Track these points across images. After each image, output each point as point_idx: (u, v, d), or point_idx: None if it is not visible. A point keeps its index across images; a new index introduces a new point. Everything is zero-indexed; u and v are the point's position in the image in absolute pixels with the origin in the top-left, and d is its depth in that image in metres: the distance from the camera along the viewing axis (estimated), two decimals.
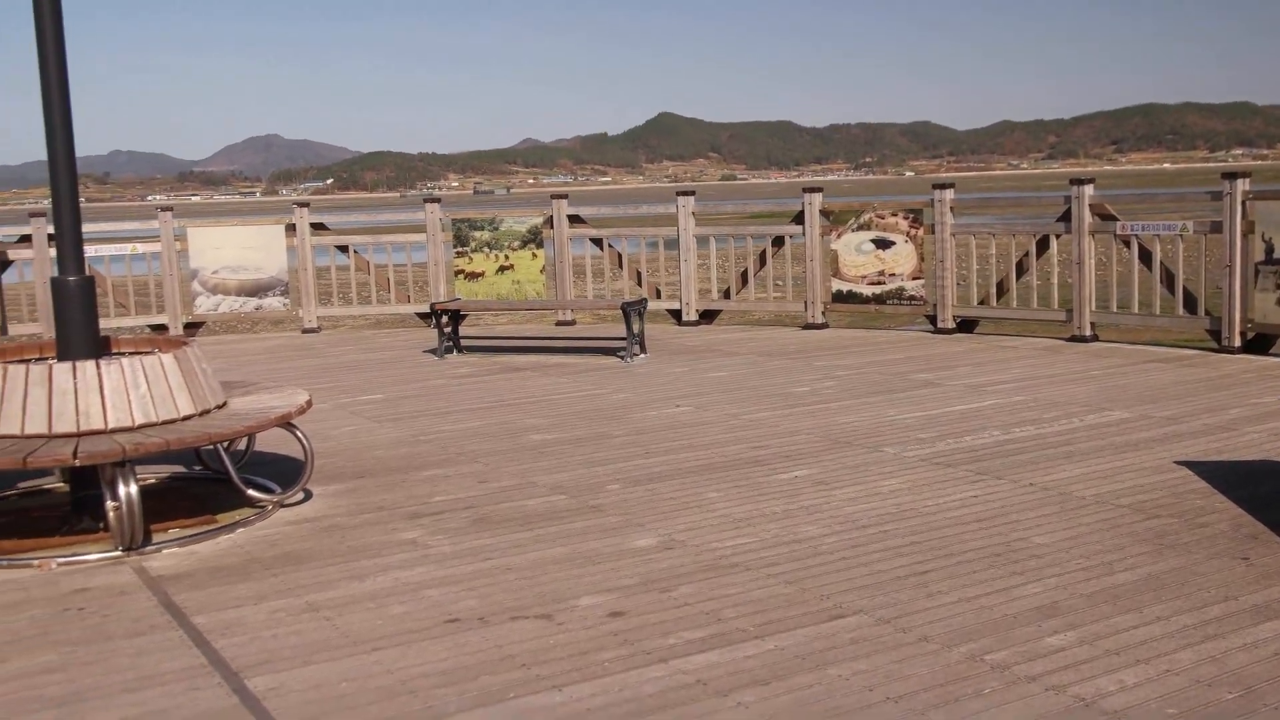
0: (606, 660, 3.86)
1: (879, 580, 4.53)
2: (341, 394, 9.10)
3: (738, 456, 6.66)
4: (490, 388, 9.24)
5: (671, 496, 5.86)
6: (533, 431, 7.52)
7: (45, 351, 5.98)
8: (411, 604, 4.46)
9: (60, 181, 5.69)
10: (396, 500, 5.97)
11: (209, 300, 13.00)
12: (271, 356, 11.47)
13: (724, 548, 5.00)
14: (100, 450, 5.03)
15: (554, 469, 6.51)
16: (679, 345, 11.28)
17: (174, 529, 5.50)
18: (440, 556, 5.03)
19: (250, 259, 13.00)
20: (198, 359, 5.80)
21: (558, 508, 5.73)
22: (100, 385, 5.31)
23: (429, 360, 10.85)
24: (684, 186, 14.01)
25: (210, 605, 4.53)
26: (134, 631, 4.29)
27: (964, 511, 5.43)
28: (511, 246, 13.08)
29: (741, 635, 4.03)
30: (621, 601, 4.40)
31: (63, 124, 5.67)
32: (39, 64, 5.62)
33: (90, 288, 5.78)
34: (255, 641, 4.14)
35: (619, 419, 7.83)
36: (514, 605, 4.41)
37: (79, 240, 5.79)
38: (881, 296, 11.91)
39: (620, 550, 5.02)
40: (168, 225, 12.96)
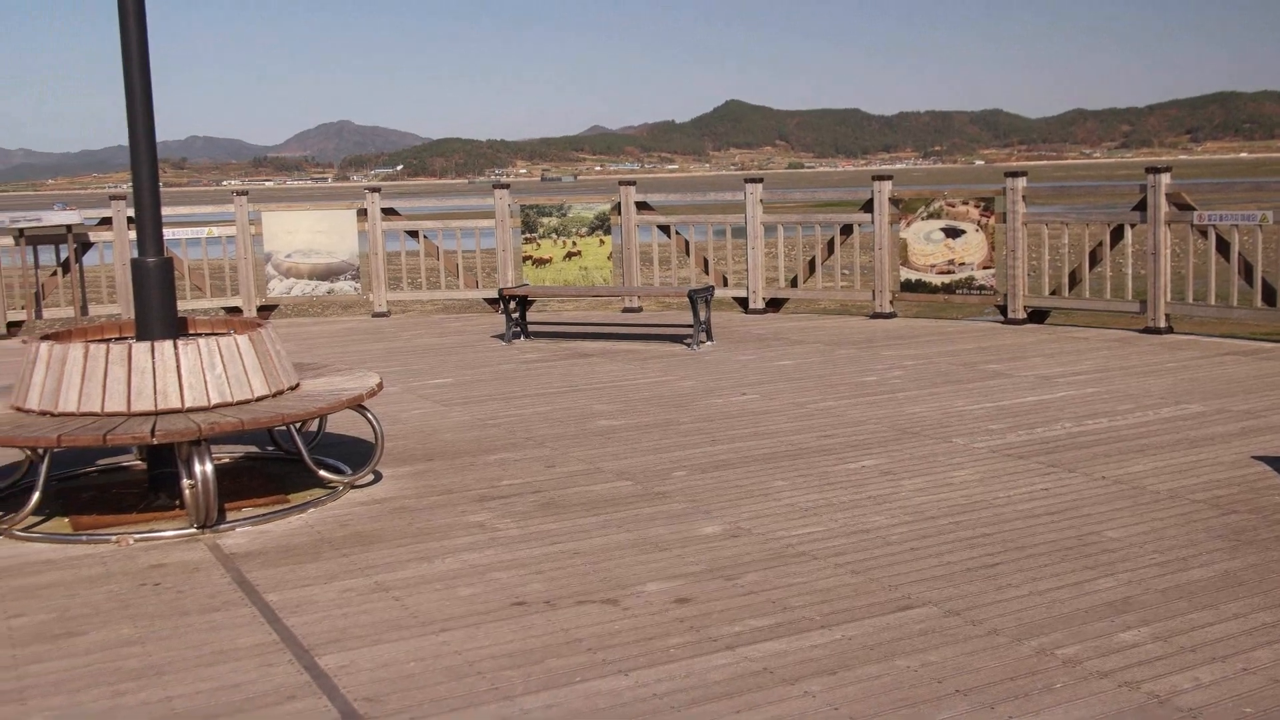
0: (673, 646, 3.86)
1: (948, 572, 4.48)
2: (411, 377, 9.19)
3: (805, 445, 6.63)
4: (557, 373, 9.28)
5: (738, 484, 5.85)
6: (600, 417, 7.54)
7: (125, 332, 6.11)
8: (479, 586, 4.50)
9: (141, 166, 5.80)
10: (465, 483, 6.02)
11: (282, 283, 13.18)
12: (342, 340, 11.60)
13: (791, 536, 4.98)
14: (177, 429, 5.12)
15: (621, 455, 6.52)
16: (745, 333, 11.25)
17: (247, 508, 5.60)
18: (508, 540, 5.06)
19: (322, 243, 13.16)
20: (272, 341, 5.89)
21: (624, 493, 5.75)
22: (178, 365, 5.41)
23: (497, 345, 10.92)
24: (752, 174, 13.96)
25: (282, 583, 4.60)
26: (208, 607, 4.37)
27: (1035, 504, 5.36)
28: (579, 233, 13.11)
29: (808, 624, 4.01)
30: (688, 588, 4.40)
31: (144, 110, 5.77)
32: (122, 52, 5.73)
33: (169, 269, 5.89)
34: (326, 620, 4.20)
35: (686, 406, 7.83)
36: (580, 589, 4.43)
37: (158, 223, 5.90)
38: (951, 286, 11.78)
39: (686, 537, 5.03)
40: (242, 209, 13.16)
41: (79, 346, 5.40)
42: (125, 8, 5.67)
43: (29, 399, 5.44)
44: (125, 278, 12.65)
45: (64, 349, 5.42)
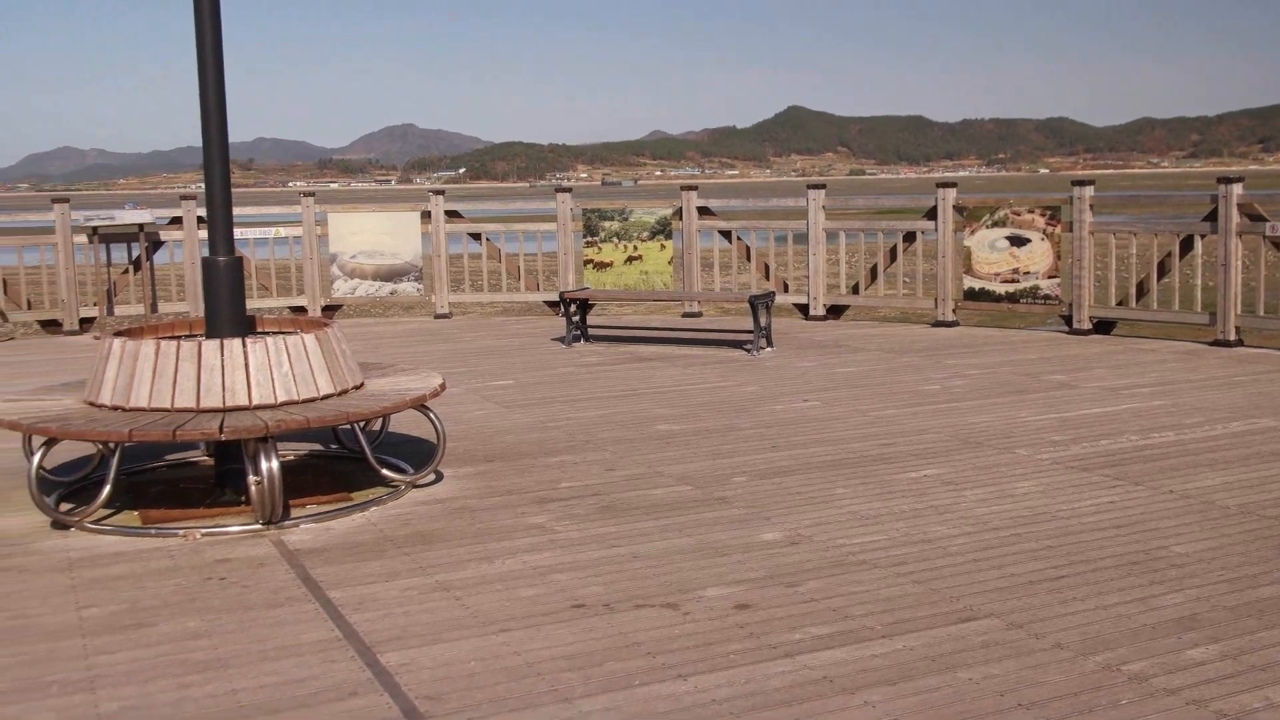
0: (732, 652, 3.86)
1: (1011, 584, 4.44)
2: (473, 379, 9.26)
3: (866, 453, 6.59)
4: (618, 377, 9.30)
5: (799, 491, 5.83)
6: (660, 421, 7.54)
7: (194, 329, 6.21)
8: (539, 587, 4.52)
9: (213, 166, 5.90)
10: (525, 485, 6.05)
11: (346, 284, 13.33)
12: (405, 340, 11.71)
13: (851, 544, 4.96)
14: (244, 425, 5.20)
15: (681, 459, 6.52)
16: (806, 340, 11.20)
17: (311, 505, 5.67)
18: (568, 542, 5.08)
19: (386, 245, 13.29)
20: (338, 340, 5.96)
21: (684, 498, 5.75)
22: (246, 363, 5.49)
23: (557, 348, 10.97)
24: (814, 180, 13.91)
25: (345, 580, 4.65)
26: (273, 602, 4.43)
27: (1100, 517, 5.29)
28: (640, 237, 13.13)
29: (869, 633, 3.99)
30: (748, 594, 4.39)
31: (217, 112, 5.87)
32: (197, 55, 5.83)
33: (238, 268, 5.98)
34: (388, 617, 4.24)
35: (746, 412, 7.81)
36: (640, 593, 4.43)
37: (229, 223, 5.99)
38: (1015, 295, 11.65)
39: (747, 543, 5.02)
40: (309, 210, 13.33)
41: (150, 343, 5.50)
42: (201, 12, 5.76)
43: (101, 394, 5.55)
44: (194, 276, 12.86)
45: (136, 345, 5.52)
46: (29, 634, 4.14)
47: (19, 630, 4.18)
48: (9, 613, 4.35)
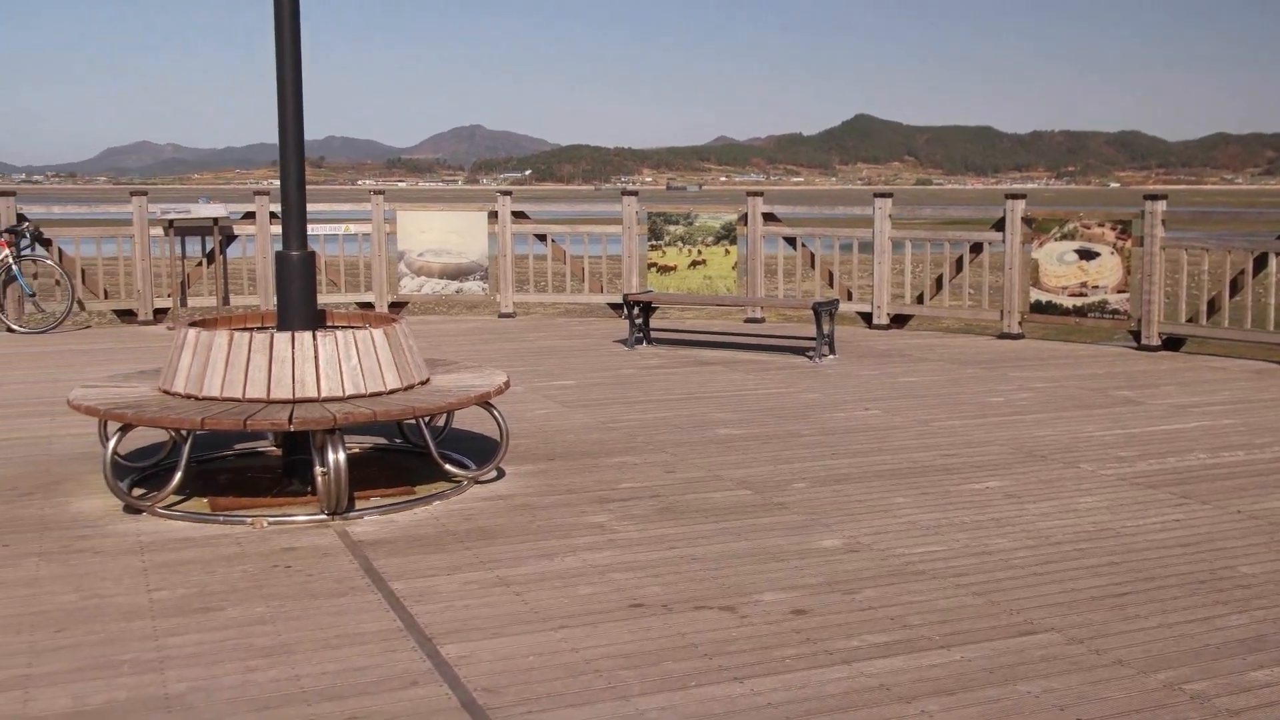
0: (788, 657, 3.87)
1: (1073, 599, 4.40)
2: (535, 378, 9.33)
3: (927, 463, 6.56)
4: (679, 380, 9.32)
5: (858, 499, 5.82)
6: (720, 425, 7.56)
7: (266, 322, 6.33)
8: (598, 586, 4.56)
9: (289, 163, 6.00)
10: (585, 484, 6.09)
11: (413, 281, 13.48)
12: (469, 338, 11.82)
13: (911, 554, 4.94)
14: (313, 417, 5.29)
15: (740, 464, 6.53)
16: (869, 348, 11.16)
17: (375, 497, 5.75)
18: (626, 542, 5.11)
19: (453, 243, 13.42)
20: (405, 336, 6.04)
21: (743, 502, 5.76)
22: (316, 355, 5.59)
23: (620, 350, 11.02)
24: (881, 189, 13.85)
25: (407, 572, 4.72)
26: (336, 592, 4.50)
27: (1165, 535, 5.22)
28: (705, 242, 13.15)
29: (927, 643, 3.98)
30: (805, 600, 4.40)
31: (294, 111, 5.97)
32: (276, 56, 5.94)
33: (311, 263, 6.09)
34: (448, 610, 4.30)
35: (807, 418, 7.80)
36: (697, 595, 4.45)
37: (303, 218, 6.10)
38: (1082, 309, 11.52)
39: (805, 549, 5.02)
40: (379, 208, 13.50)
41: (224, 334, 5.62)
42: (281, 13, 5.87)
43: (175, 382, 5.67)
44: (265, 270, 13.08)
45: (210, 336, 5.64)
46: (103, 614, 4.25)
47: (94, 610, 4.29)
48: (84, 592, 4.47)
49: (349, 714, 3.46)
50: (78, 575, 4.67)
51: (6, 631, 4.08)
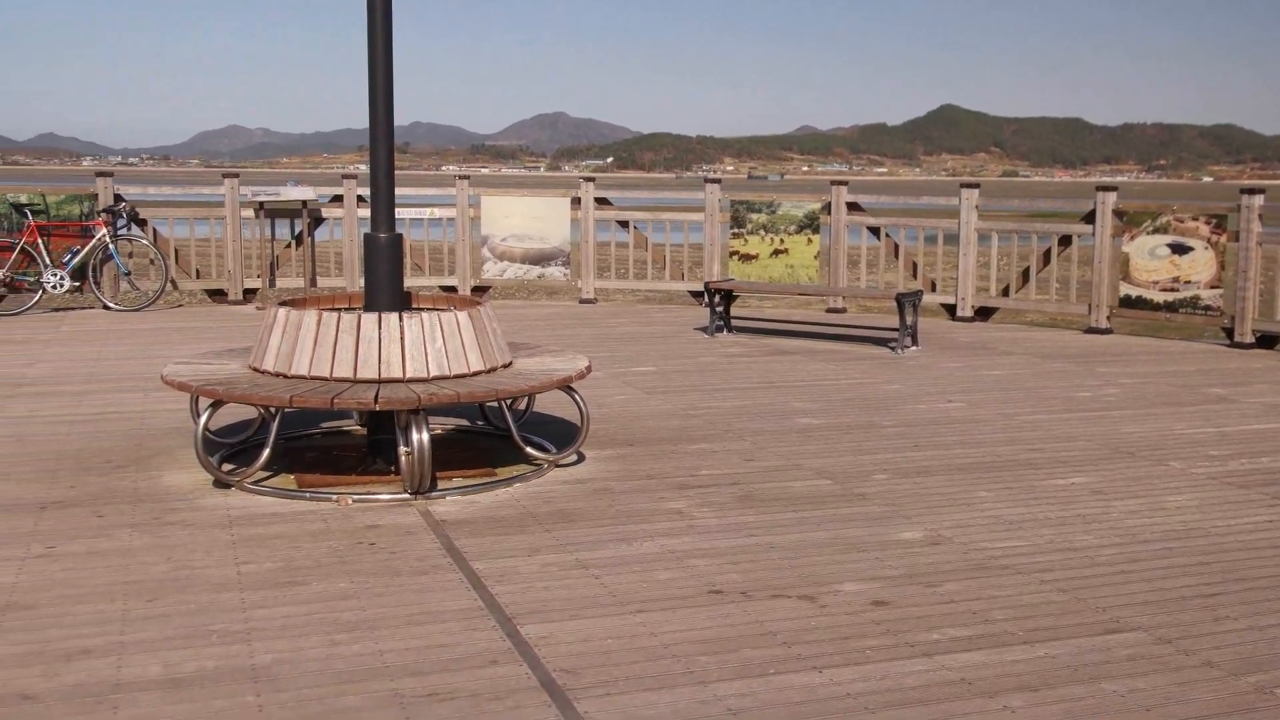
0: (869, 647, 3.84)
1: (1161, 598, 4.31)
2: (615, 364, 9.36)
3: (1011, 458, 6.47)
4: (759, 368, 9.29)
5: (940, 491, 5.75)
6: (800, 415, 7.52)
7: (353, 303, 6.42)
8: (676, 571, 4.57)
9: (378, 147, 6.08)
10: (665, 470, 6.10)
11: (496, 266, 13.59)
12: (549, 323, 11.88)
13: (993, 548, 4.88)
14: (398, 397, 5.36)
15: (820, 453, 6.50)
16: (952, 340, 11.02)
17: (457, 478, 5.81)
18: (705, 529, 5.11)
19: (536, 229, 13.50)
20: (489, 319, 6.09)
21: (823, 492, 5.73)
22: (401, 337, 5.66)
23: (700, 337, 11.01)
24: (968, 179, 13.65)
25: (488, 552, 4.77)
26: (418, 570, 4.56)
27: (1258, 536, 5.10)
28: (787, 231, 13.08)
29: (1010, 638, 3.93)
30: (885, 591, 4.36)
31: (384, 97, 6.04)
32: (368, 42, 6.00)
33: (398, 245, 6.16)
34: (528, 591, 4.34)
35: (888, 409, 7.73)
36: (776, 583, 4.44)
37: (392, 201, 6.17)
38: (1173, 304, 11.26)
39: (885, 540, 4.98)
40: (463, 193, 13.62)
41: (313, 314, 5.71)
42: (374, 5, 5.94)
43: (265, 361, 5.78)
44: (352, 253, 13.27)
45: (299, 316, 5.73)
46: (193, 585, 4.35)
47: (185, 581, 4.39)
48: (176, 564, 4.58)
49: (430, 689, 3.50)
50: (169, 546, 4.79)
51: (101, 599, 4.19)
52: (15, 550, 4.71)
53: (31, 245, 12.21)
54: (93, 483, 5.73)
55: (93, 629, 3.92)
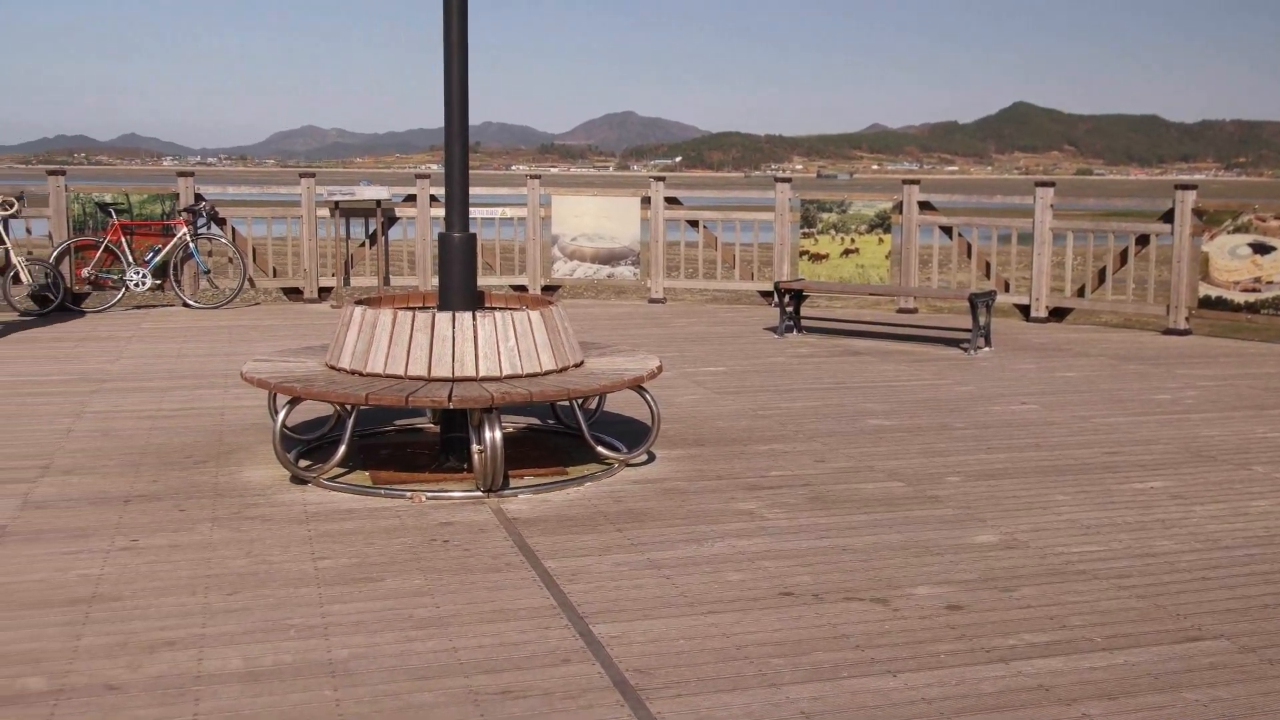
0: (943, 652, 3.81)
1: (1244, 605, 4.23)
2: (685, 364, 9.36)
3: (1088, 461, 6.37)
4: (829, 369, 9.24)
5: (1015, 495, 5.69)
6: (871, 416, 7.47)
7: (427, 301, 6.49)
8: (747, 572, 4.56)
9: (453, 147, 6.13)
10: (735, 471, 6.09)
11: (566, 265, 13.65)
12: (618, 323, 11.91)
13: (1070, 553, 4.81)
14: (472, 396, 5.41)
15: (892, 455, 6.45)
16: (1025, 341, 10.88)
17: (529, 476, 5.85)
18: (776, 530, 5.10)
19: (606, 228, 13.54)
20: (561, 318, 6.12)
21: (895, 494, 5.69)
22: (475, 336, 5.71)
23: (769, 338, 10.97)
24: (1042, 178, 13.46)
25: (559, 551, 4.80)
26: (491, 567, 4.60)
27: None
28: (858, 230, 12.99)
29: (1088, 645, 3.87)
30: (960, 595, 4.32)
31: (459, 97, 6.08)
32: (444, 44, 6.05)
33: (473, 245, 6.21)
34: (600, 590, 4.35)
35: (961, 411, 7.65)
36: (848, 586, 4.42)
37: (466, 201, 6.22)
38: (1255, 305, 11.02)
39: (959, 544, 4.93)
40: (534, 192, 13.70)
41: (388, 313, 5.78)
42: (449, 8, 5.99)
43: (341, 358, 5.86)
44: (424, 251, 13.40)
45: (375, 314, 5.81)
46: (272, 579, 4.42)
47: (264, 575, 4.47)
48: (255, 558, 4.66)
49: (504, 687, 3.53)
50: (248, 541, 4.87)
51: (183, 592, 4.28)
52: (101, 542, 4.82)
53: (115, 244, 12.49)
54: (175, 477, 5.85)
55: (175, 621, 4.01)
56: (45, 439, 6.61)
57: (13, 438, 6.65)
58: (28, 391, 7.97)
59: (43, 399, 7.71)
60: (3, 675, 3.57)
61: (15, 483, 5.71)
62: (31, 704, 3.39)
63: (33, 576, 4.43)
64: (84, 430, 6.84)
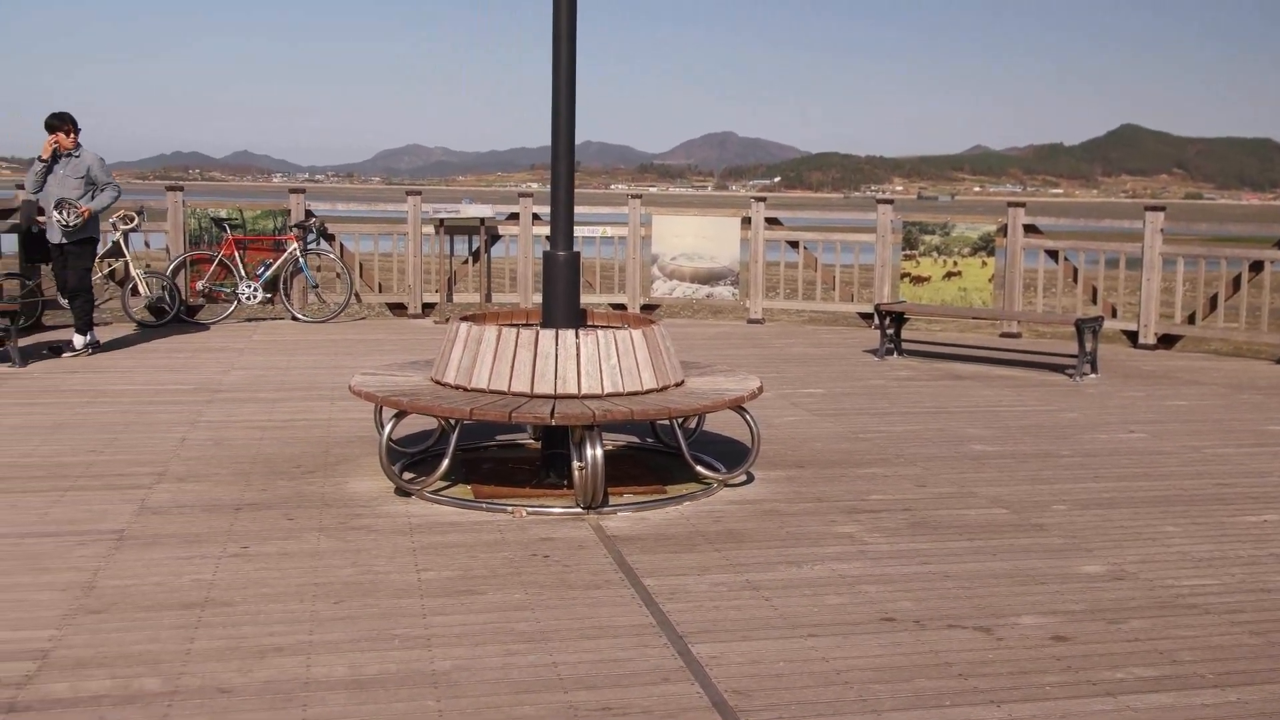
0: (1048, 684, 3.74)
1: None
2: (784, 385, 9.32)
3: (1199, 492, 6.21)
4: (930, 393, 9.14)
5: (1123, 525, 5.57)
6: (973, 441, 7.37)
7: (531, 318, 6.57)
8: (847, 596, 4.53)
9: (559, 165, 6.21)
10: (834, 493, 6.06)
11: (665, 284, 13.70)
12: (716, 343, 11.91)
13: (1181, 586, 4.70)
14: (573, 413, 5.46)
15: (995, 481, 6.36)
16: (1133, 368, 10.64)
17: (628, 494, 5.88)
18: (877, 554, 5.06)
19: (706, 248, 13.57)
20: (663, 337, 6.16)
21: (998, 521, 5.60)
22: (578, 354, 5.77)
23: (869, 360, 10.88)
24: (1152, 202, 13.18)
25: (658, 570, 4.81)
26: (591, 584, 4.63)
27: None
28: (961, 253, 12.83)
29: (1199, 681, 3.77)
30: (1066, 626, 4.24)
31: (567, 118, 6.16)
32: (553, 65, 6.14)
33: (576, 264, 6.28)
34: (698, 610, 4.36)
35: (1066, 438, 7.51)
36: (951, 613, 4.37)
37: (570, 220, 6.29)
38: None
39: (1065, 573, 4.84)
40: (635, 212, 13.78)
41: (493, 329, 5.87)
42: (559, 25, 6.08)
43: (446, 373, 5.96)
44: (526, 269, 13.55)
45: (480, 330, 5.90)
46: (377, 589, 4.51)
47: (369, 584, 4.56)
48: (360, 568, 4.76)
49: (604, 704, 3.56)
50: (354, 551, 4.97)
51: (292, 599, 4.39)
52: (214, 548, 4.96)
53: (229, 258, 12.85)
54: (283, 486, 5.99)
55: (284, 628, 4.11)
56: (161, 447, 6.83)
57: (131, 445, 6.87)
58: (146, 400, 8.24)
59: (160, 408, 7.96)
60: (123, 675, 3.70)
61: (133, 488, 5.90)
62: (149, 704, 3.50)
63: (150, 580, 4.57)
64: (198, 439, 7.04)
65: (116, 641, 3.96)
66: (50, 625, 4.09)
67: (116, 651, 3.87)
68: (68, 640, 3.96)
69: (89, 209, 10.01)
